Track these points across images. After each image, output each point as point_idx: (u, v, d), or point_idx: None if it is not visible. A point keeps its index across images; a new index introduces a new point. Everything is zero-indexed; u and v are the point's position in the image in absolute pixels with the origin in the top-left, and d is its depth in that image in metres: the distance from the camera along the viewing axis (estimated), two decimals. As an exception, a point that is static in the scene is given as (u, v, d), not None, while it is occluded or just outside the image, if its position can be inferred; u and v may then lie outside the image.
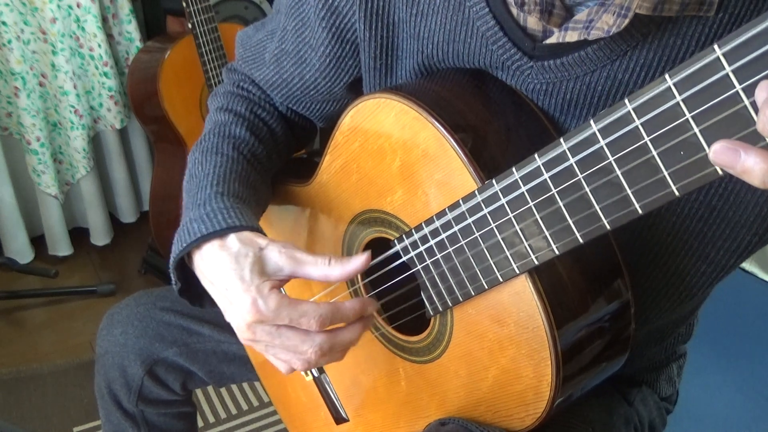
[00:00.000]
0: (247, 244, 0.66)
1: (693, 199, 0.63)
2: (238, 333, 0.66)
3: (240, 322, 0.65)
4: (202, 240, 0.67)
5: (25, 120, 1.91)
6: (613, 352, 0.66)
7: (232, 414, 1.71)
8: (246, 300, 0.63)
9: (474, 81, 0.67)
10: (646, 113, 0.45)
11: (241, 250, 0.65)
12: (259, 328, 0.64)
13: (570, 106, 0.63)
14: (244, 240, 0.66)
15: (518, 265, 0.58)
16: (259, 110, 0.84)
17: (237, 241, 0.66)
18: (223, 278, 0.65)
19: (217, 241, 0.66)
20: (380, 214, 0.71)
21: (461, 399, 0.70)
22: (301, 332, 0.64)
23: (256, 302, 0.63)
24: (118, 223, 2.25)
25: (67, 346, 1.87)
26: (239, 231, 0.66)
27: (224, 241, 0.66)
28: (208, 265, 0.67)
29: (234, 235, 0.66)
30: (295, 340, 0.64)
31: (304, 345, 0.64)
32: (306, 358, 0.65)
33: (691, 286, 0.68)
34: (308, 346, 0.64)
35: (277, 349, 0.66)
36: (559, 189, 0.53)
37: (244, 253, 0.65)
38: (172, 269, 0.71)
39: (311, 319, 0.63)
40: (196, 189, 0.73)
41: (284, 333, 0.64)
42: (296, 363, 0.67)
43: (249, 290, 0.63)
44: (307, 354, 0.65)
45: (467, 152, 0.60)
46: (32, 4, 1.84)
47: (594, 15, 0.56)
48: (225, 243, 0.66)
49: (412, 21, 0.69)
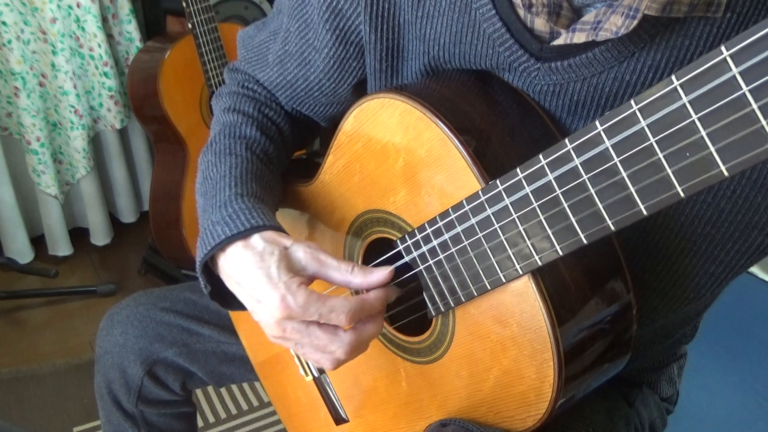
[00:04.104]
0: (272, 243, 0.66)
1: (701, 200, 0.62)
2: (268, 330, 0.66)
3: (269, 319, 0.65)
4: (226, 242, 0.67)
5: (25, 120, 1.91)
6: (615, 353, 0.66)
7: (232, 414, 1.71)
8: (275, 296, 0.63)
9: (478, 82, 0.67)
10: (652, 114, 0.45)
11: (267, 248, 0.65)
12: (289, 325, 0.64)
13: (577, 108, 0.63)
14: (268, 239, 0.66)
15: (521, 266, 0.58)
16: (267, 110, 0.84)
17: (261, 241, 0.66)
18: (250, 277, 0.65)
19: (241, 242, 0.66)
20: (383, 214, 0.71)
21: (462, 400, 0.70)
22: (329, 332, 0.65)
23: (285, 298, 0.63)
24: (118, 223, 2.25)
25: (67, 346, 1.87)
26: (262, 231, 0.67)
27: (248, 241, 0.66)
28: (233, 265, 0.67)
29: (258, 235, 0.66)
30: (324, 339, 0.65)
31: (332, 345, 0.65)
32: (335, 357, 0.66)
33: (699, 287, 0.68)
34: (337, 346, 0.65)
35: (307, 349, 0.66)
36: (563, 190, 0.53)
37: (269, 252, 0.65)
38: (200, 273, 0.70)
39: (341, 314, 0.63)
40: (214, 191, 0.73)
41: (313, 332, 0.64)
42: (326, 363, 0.67)
43: (277, 287, 0.63)
44: (336, 353, 0.65)
45: (471, 153, 0.60)
46: (32, 4, 1.84)
47: (602, 16, 0.56)
48: (249, 243, 0.66)
49: (418, 23, 0.69)
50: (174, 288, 1.02)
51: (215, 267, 0.70)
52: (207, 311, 0.99)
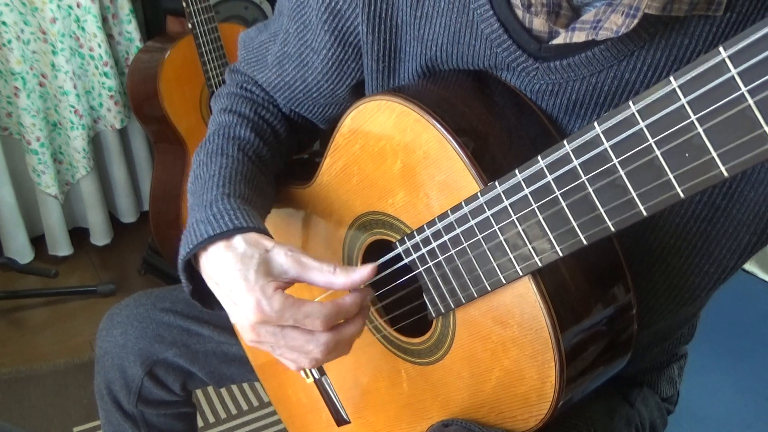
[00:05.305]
0: (253, 246, 0.65)
1: (697, 200, 0.62)
2: (243, 334, 0.66)
3: (244, 323, 0.64)
4: (208, 241, 0.66)
5: (25, 120, 1.91)
6: (616, 353, 0.66)
7: (232, 414, 1.71)
8: (250, 300, 0.63)
9: (476, 83, 0.67)
10: (651, 115, 0.45)
11: (247, 251, 0.65)
12: (263, 329, 0.64)
13: (576, 107, 0.63)
14: (250, 241, 0.66)
15: (521, 267, 0.58)
16: (263, 111, 0.84)
17: (243, 242, 0.66)
18: (227, 279, 0.64)
19: (223, 242, 0.66)
20: (381, 216, 0.71)
21: (464, 400, 0.70)
22: (305, 332, 0.64)
23: (260, 303, 0.62)
24: (118, 223, 2.25)
25: (67, 346, 1.87)
26: (245, 232, 0.66)
27: (230, 242, 0.66)
28: (214, 265, 0.67)
29: (240, 236, 0.66)
30: (300, 340, 0.64)
31: (309, 345, 0.64)
32: (313, 357, 0.65)
33: (695, 288, 0.68)
34: (314, 346, 0.64)
35: (283, 350, 0.66)
36: (562, 191, 0.52)
37: (249, 254, 0.64)
38: (181, 271, 0.70)
39: (315, 320, 0.63)
40: (202, 190, 0.73)
41: (289, 334, 0.64)
42: (304, 362, 0.67)
43: (253, 290, 0.63)
44: (312, 353, 0.65)
45: (469, 154, 0.60)
46: (32, 4, 1.84)
47: (602, 15, 0.56)
48: (231, 244, 0.66)
49: (416, 24, 0.68)
50: (174, 288, 1.02)
51: (197, 265, 0.70)
52: (207, 312, 0.99)
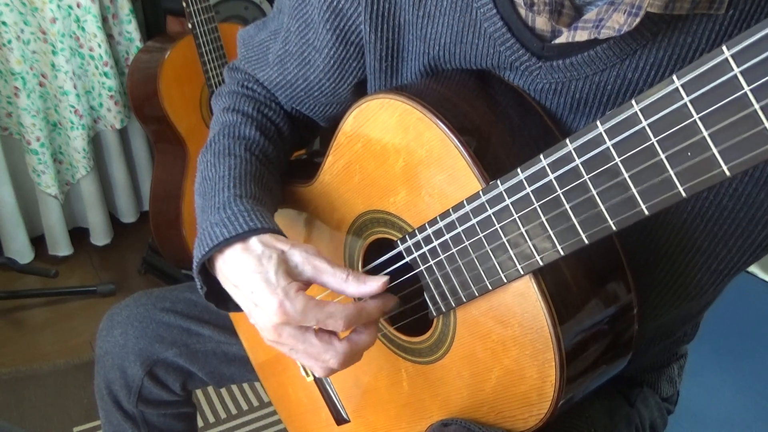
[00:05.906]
0: (270, 247, 0.66)
1: (702, 198, 0.62)
2: (264, 334, 0.66)
3: (266, 324, 0.65)
4: (224, 244, 0.67)
5: (25, 120, 1.91)
6: (616, 352, 0.66)
7: (232, 414, 1.71)
8: (273, 302, 0.63)
9: (478, 82, 0.67)
10: (654, 114, 0.45)
11: (265, 252, 0.65)
12: (286, 330, 0.64)
13: (579, 106, 0.63)
14: (266, 242, 0.66)
15: (522, 266, 0.58)
16: (266, 110, 0.84)
17: (260, 244, 0.66)
18: (248, 281, 0.65)
19: (240, 245, 0.66)
20: (383, 215, 0.71)
21: (464, 400, 0.70)
22: (324, 340, 0.65)
23: (284, 304, 0.63)
24: (118, 223, 2.25)
25: (67, 346, 1.87)
26: (261, 233, 0.66)
27: (247, 243, 0.66)
28: (231, 268, 0.67)
29: (255, 238, 0.66)
30: (319, 348, 0.65)
31: (326, 354, 0.65)
32: (328, 366, 0.66)
33: (702, 284, 0.68)
34: (330, 355, 0.65)
35: (300, 354, 0.66)
36: (564, 190, 0.52)
37: (267, 255, 0.65)
38: (196, 274, 0.70)
39: (338, 320, 0.63)
40: (212, 192, 0.73)
41: (308, 339, 0.65)
42: (318, 370, 0.67)
43: (276, 292, 0.63)
44: (329, 362, 0.65)
45: (471, 153, 0.60)
46: (32, 4, 1.84)
47: (604, 14, 0.56)
48: (248, 246, 0.66)
49: (419, 23, 0.68)
50: (174, 288, 1.02)
51: (212, 268, 0.70)
52: (207, 311, 0.99)
